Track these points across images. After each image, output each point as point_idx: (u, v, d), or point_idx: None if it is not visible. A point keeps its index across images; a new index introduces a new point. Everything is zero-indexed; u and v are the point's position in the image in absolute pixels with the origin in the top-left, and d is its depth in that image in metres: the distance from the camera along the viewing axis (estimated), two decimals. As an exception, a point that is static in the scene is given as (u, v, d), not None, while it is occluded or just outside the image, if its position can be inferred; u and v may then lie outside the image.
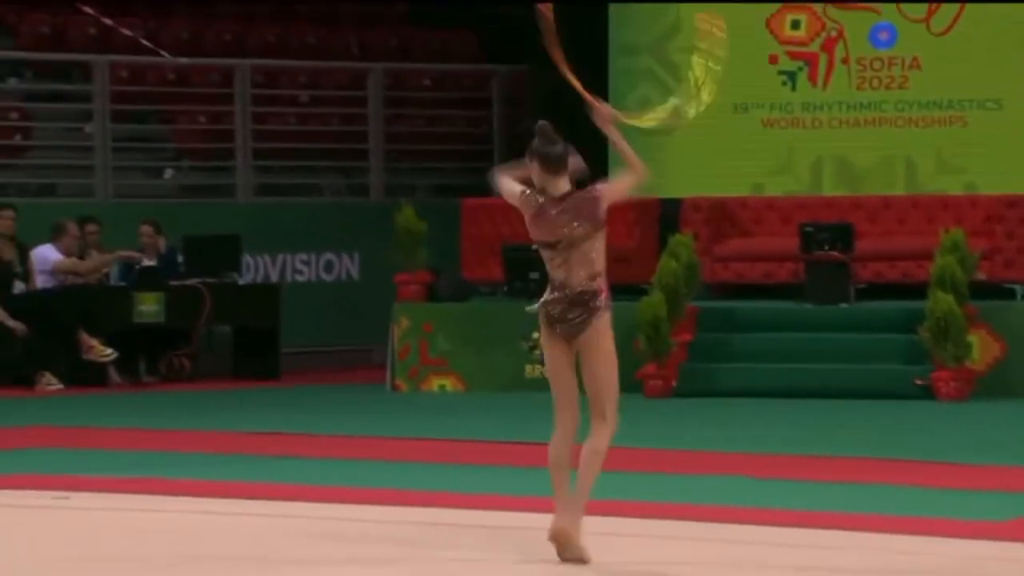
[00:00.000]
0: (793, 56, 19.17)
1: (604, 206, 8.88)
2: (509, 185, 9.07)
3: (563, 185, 8.94)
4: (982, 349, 16.73)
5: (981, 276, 17.23)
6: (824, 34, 19.08)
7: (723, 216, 18.72)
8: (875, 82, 19.01)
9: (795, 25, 19.15)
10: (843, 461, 12.83)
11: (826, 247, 17.48)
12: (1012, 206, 17.98)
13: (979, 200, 18.25)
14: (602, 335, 8.72)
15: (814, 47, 19.12)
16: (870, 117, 18.97)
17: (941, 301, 16.34)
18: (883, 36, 18.97)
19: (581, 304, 8.71)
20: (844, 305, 17.38)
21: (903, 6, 18.87)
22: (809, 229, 17.65)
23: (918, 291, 16.87)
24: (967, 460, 12.77)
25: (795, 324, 17.41)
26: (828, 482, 11.82)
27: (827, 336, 17.16)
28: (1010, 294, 17.74)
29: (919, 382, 16.56)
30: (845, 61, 19.05)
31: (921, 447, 13.47)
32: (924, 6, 18.81)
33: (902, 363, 16.81)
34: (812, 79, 19.12)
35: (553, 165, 8.95)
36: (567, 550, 8.57)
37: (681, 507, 10.60)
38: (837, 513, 10.39)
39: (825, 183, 19.11)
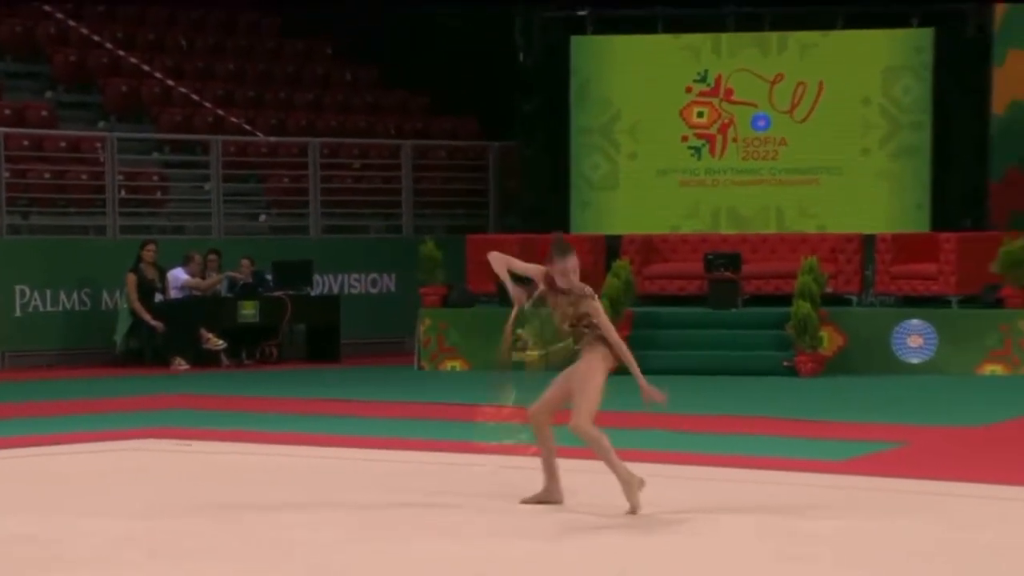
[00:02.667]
0: (699, 136, 19.21)
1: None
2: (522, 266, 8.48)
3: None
4: (829, 340, 16.78)
5: (829, 290, 17.28)
6: (720, 121, 19.13)
7: (650, 247, 18.78)
8: (756, 155, 19.06)
9: (700, 115, 19.19)
10: (733, 418, 12.89)
11: (722, 269, 17.52)
12: (849, 241, 18.04)
13: (827, 237, 18.29)
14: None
15: (713, 130, 19.16)
16: (752, 179, 19.03)
17: (801, 307, 16.41)
18: (761, 123, 19.04)
19: None
20: (734, 310, 17.44)
21: (775, 101, 18.96)
22: (710, 257, 17.70)
23: (785, 300, 16.92)
24: (820, 418, 12.82)
25: (701, 323, 17.46)
26: (723, 433, 11.88)
27: (723, 332, 17.22)
28: (848, 302, 17.79)
29: (786, 364, 16.60)
30: (735, 140, 19.11)
31: (788, 409, 13.52)
32: (789, 100, 18.90)
33: (775, 350, 16.84)
34: (712, 152, 19.17)
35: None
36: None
37: (620, 452, 10.64)
38: (729, 455, 10.45)
39: (721, 225, 19.16)
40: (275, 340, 18.81)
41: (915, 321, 16.89)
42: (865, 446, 10.98)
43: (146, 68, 21.63)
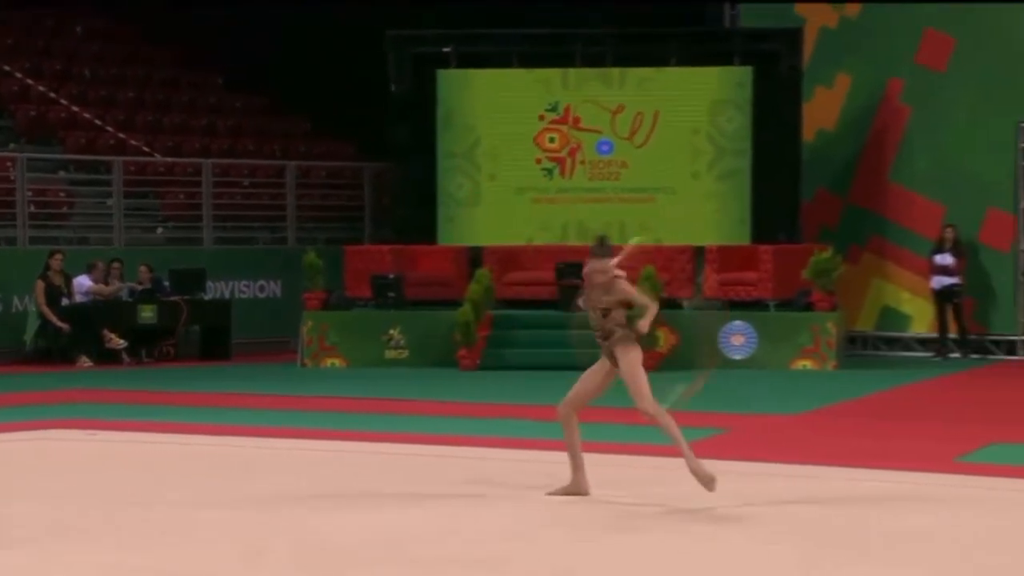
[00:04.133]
0: (551, 159, 19.29)
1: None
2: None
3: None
4: (665, 339, 16.97)
5: (664, 295, 17.46)
6: (569, 145, 19.23)
7: (509, 257, 18.84)
8: (600, 175, 19.20)
9: (551, 140, 19.28)
10: (583, 408, 12.93)
11: (571, 277, 17.59)
12: (682, 252, 18.22)
13: (663, 249, 18.40)
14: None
15: (563, 153, 19.26)
16: (598, 197, 19.15)
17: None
18: (604, 147, 19.17)
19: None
20: (582, 312, 17.52)
21: (616, 128, 19.14)
22: (561, 266, 17.76)
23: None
24: (655, 407, 12.92)
25: (552, 324, 17.47)
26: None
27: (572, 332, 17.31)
28: (679, 305, 17.99)
29: (627, 360, 16.72)
30: (582, 162, 19.23)
31: (630, 400, 13.58)
32: (628, 128, 19.09)
33: (617, 348, 16.94)
34: (562, 173, 19.26)
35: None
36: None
37: (482, 439, 10.70)
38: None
39: (571, 237, 19.26)
40: (172, 340, 18.60)
41: (738, 322, 17.20)
42: (694, 432, 11.09)
43: (53, 96, 21.35)
